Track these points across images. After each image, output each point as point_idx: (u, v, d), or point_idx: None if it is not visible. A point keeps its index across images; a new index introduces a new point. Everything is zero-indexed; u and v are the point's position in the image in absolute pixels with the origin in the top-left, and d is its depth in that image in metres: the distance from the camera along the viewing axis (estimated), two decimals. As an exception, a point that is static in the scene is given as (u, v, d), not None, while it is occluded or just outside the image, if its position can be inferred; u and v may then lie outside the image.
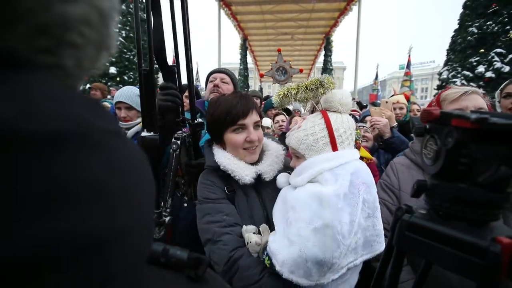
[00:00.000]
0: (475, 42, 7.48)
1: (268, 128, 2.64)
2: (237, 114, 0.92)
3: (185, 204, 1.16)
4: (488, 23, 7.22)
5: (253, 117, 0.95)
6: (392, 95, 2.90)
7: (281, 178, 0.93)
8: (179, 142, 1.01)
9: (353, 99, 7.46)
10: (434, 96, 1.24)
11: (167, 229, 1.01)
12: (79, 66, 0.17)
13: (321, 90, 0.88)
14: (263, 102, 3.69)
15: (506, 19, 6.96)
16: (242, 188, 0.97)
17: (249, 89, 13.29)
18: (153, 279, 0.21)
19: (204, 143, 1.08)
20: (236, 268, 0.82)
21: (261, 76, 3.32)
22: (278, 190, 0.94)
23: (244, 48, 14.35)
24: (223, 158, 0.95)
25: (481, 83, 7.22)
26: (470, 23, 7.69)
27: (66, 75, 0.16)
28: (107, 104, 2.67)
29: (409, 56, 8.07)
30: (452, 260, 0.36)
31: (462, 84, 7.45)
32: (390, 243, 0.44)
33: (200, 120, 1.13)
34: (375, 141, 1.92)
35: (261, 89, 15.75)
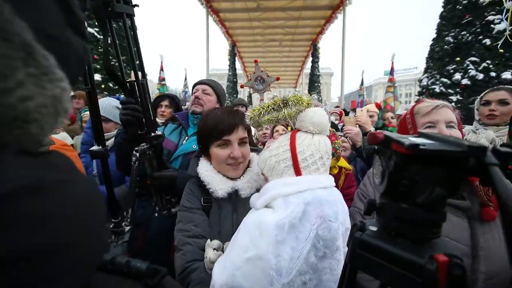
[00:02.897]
0: (451, 50, 7.87)
1: (252, 135, 2.64)
2: (223, 130, 0.94)
3: (156, 214, 1.17)
4: (463, 33, 7.64)
5: (239, 133, 0.97)
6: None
7: (253, 198, 0.89)
8: (138, 154, 1.03)
9: (337, 107, 7.60)
10: (416, 102, 1.29)
11: (139, 236, 1.01)
12: (42, 130, 0.24)
13: (287, 110, 0.82)
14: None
15: (478, 29, 7.39)
16: (218, 202, 0.96)
17: (238, 96, 13.33)
18: (114, 285, 0.26)
19: (194, 153, 1.12)
20: (188, 280, 0.82)
21: (241, 87, 3.41)
22: None
23: (232, 54, 14.44)
24: (203, 169, 0.98)
25: (458, 89, 7.58)
26: (446, 32, 8.10)
27: (35, 136, 0.24)
28: (86, 114, 2.59)
29: (392, 62, 8.35)
30: (397, 278, 0.38)
31: (441, 91, 7.79)
32: (345, 259, 0.46)
33: (158, 132, 1.12)
34: (352, 150, 1.97)
35: (250, 95, 15.84)
